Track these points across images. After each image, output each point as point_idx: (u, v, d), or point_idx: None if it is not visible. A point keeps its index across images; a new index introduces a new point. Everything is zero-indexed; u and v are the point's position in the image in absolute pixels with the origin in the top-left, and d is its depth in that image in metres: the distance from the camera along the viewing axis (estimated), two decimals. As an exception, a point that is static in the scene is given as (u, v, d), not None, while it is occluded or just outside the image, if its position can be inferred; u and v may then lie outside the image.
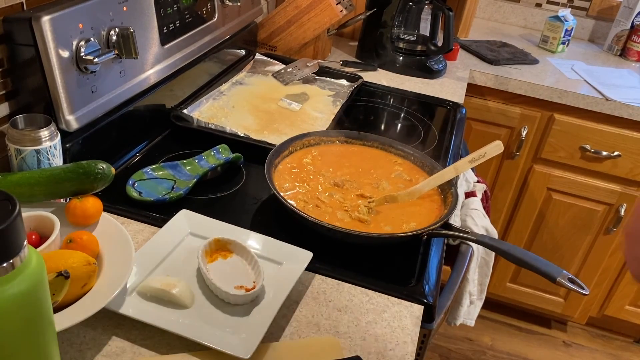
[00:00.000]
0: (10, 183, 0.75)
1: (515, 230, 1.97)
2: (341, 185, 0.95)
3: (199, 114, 1.19)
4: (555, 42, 1.99)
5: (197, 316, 0.69)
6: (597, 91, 1.71)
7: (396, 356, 0.69)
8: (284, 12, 1.54)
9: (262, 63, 1.50)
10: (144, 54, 1.03)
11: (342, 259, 0.83)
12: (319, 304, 0.75)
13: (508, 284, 2.05)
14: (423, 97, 1.48)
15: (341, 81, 1.46)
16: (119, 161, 1.01)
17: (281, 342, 0.69)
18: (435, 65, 1.64)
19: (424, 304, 0.77)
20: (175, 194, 0.91)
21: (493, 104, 1.79)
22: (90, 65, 0.87)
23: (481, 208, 1.28)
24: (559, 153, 1.79)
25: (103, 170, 0.77)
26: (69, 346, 0.65)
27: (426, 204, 0.94)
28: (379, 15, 1.61)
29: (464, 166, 0.92)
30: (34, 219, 0.72)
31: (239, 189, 0.98)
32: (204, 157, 1.00)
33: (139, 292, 0.71)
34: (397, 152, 1.05)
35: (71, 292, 0.63)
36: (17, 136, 0.78)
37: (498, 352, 2.07)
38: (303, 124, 1.22)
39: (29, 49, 0.82)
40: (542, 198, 1.88)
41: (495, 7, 2.25)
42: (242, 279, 0.75)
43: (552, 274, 0.75)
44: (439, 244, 0.91)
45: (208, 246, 0.78)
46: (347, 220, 0.87)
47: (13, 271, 0.42)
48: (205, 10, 1.24)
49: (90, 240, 0.71)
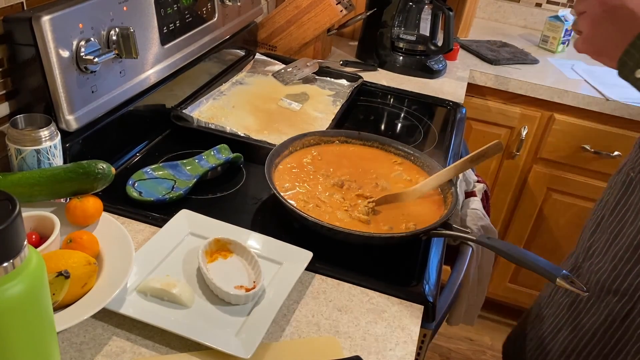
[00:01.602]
0: (10, 183, 0.75)
1: (515, 230, 1.97)
2: (341, 185, 0.95)
3: (199, 113, 1.19)
4: (555, 42, 1.99)
5: (197, 316, 0.69)
6: (597, 91, 1.71)
7: (396, 356, 0.69)
8: (284, 12, 1.54)
9: (262, 63, 1.50)
10: (144, 54, 1.03)
11: (342, 259, 0.83)
12: (319, 304, 0.75)
13: (508, 284, 2.05)
14: (423, 97, 1.48)
15: (341, 81, 1.46)
16: (119, 161, 1.01)
17: (281, 342, 0.69)
18: (435, 65, 1.64)
19: (424, 304, 0.77)
20: (175, 194, 0.91)
21: (493, 104, 1.79)
22: (90, 65, 0.87)
23: (481, 208, 1.28)
24: (559, 153, 1.79)
25: (103, 170, 0.77)
26: (69, 346, 0.65)
27: (426, 204, 0.94)
28: (379, 15, 1.61)
29: (464, 166, 0.92)
30: (34, 219, 0.72)
31: (239, 189, 0.98)
32: (204, 157, 1.00)
33: (139, 292, 0.71)
34: (397, 152, 1.05)
35: (71, 292, 0.63)
36: (17, 136, 0.78)
37: (498, 352, 2.06)
38: (303, 124, 1.22)
39: (29, 49, 0.82)
40: (542, 198, 1.88)
41: (495, 7, 2.25)
42: (242, 279, 0.75)
43: (552, 274, 0.75)
44: (439, 244, 0.91)
45: (208, 246, 0.78)
46: (347, 220, 0.87)
47: (13, 271, 0.42)
48: (205, 10, 1.24)
49: (90, 240, 0.72)
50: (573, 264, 1.13)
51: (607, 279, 0.98)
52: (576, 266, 1.12)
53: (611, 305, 0.97)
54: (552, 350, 1.07)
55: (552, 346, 1.07)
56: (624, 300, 0.95)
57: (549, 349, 1.08)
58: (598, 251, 1.03)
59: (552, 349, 1.07)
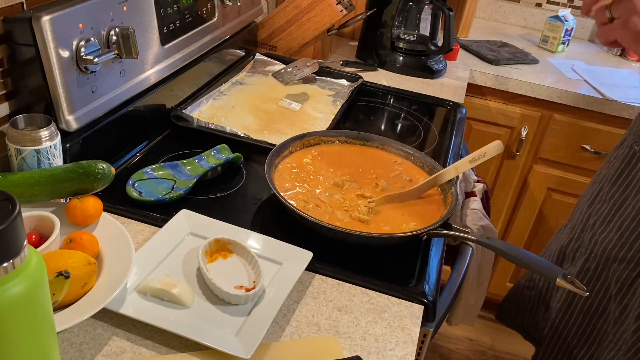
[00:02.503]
0: (10, 183, 0.75)
1: (515, 230, 1.97)
2: (341, 185, 0.95)
3: (199, 113, 1.19)
4: (555, 42, 1.99)
5: (197, 316, 0.69)
6: (597, 91, 1.71)
7: (396, 356, 0.69)
8: (284, 12, 1.54)
9: (262, 63, 1.50)
10: (144, 54, 1.03)
11: (342, 259, 0.83)
12: (319, 304, 0.75)
13: (508, 284, 2.05)
14: (423, 97, 1.48)
15: (341, 81, 1.46)
16: (119, 161, 1.01)
17: (281, 342, 0.69)
18: (435, 65, 1.64)
19: (424, 304, 0.77)
20: (175, 194, 0.91)
21: (493, 104, 1.79)
22: (90, 65, 0.87)
23: (481, 208, 1.28)
24: (559, 153, 1.79)
25: (103, 170, 0.77)
26: (69, 346, 0.65)
27: (426, 204, 0.94)
28: (379, 15, 1.61)
29: (464, 166, 0.92)
30: (34, 219, 0.72)
31: (239, 189, 0.98)
32: (204, 157, 1.00)
33: (139, 292, 0.71)
34: (397, 152, 1.05)
35: (71, 292, 0.63)
36: (17, 136, 0.78)
37: (498, 352, 2.07)
38: (303, 124, 1.22)
39: (29, 49, 0.82)
40: (542, 198, 1.88)
41: (495, 7, 2.25)
42: (242, 279, 0.75)
43: (552, 274, 0.75)
44: (439, 244, 0.91)
45: (208, 246, 0.78)
46: (347, 220, 0.87)
47: (13, 271, 0.42)
48: (205, 10, 1.24)
49: (90, 240, 0.72)
50: (570, 236, 1.18)
51: (613, 248, 1.03)
52: (574, 237, 1.16)
53: (618, 272, 1.02)
54: (574, 314, 1.12)
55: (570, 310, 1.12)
56: (630, 267, 1.00)
57: (570, 314, 1.13)
58: (600, 222, 1.08)
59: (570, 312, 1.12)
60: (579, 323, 1.11)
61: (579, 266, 1.12)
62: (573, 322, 1.12)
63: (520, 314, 1.30)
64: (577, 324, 1.11)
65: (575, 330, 1.12)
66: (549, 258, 1.24)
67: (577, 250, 1.14)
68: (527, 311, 1.28)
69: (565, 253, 1.18)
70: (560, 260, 1.19)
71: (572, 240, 1.17)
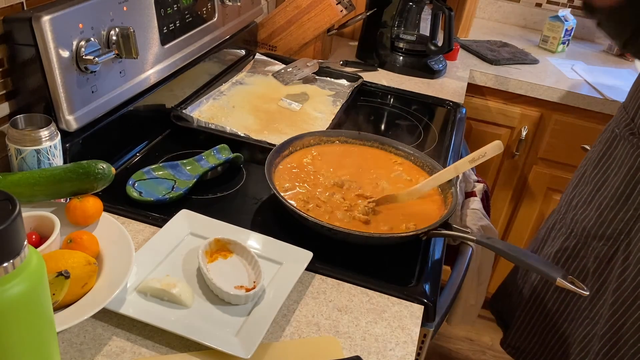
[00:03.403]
0: (10, 183, 0.75)
1: (515, 230, 1.97)
2: (341, 185, 0.95)
3: (199, 114, 1.19)
4: (555, 42, 1.99)
5: (197, 316, 0.69)
6: (597, 91, 1.71)
7: (396, 356, 0.69)
8: (284, 12, 1.54)
9: (262, 63, 1.50)
10: (144, 54, 1.03)
11: (342, 259, 0.83)
12: (319, 304, 0.75)
13: (508, 284, 2.05)
14: (423, 97, 1.48)
15: (341, 81, 1.46)
16: (119, 161, 1.01)
17: (281, 342, 0.69)
18: (435, 65, 1.64)
19: (424, 304, 0.77)
20: (175, 194, 0.91)
21: (493, 104, 1.79)
22: (90, 65, 0.87)
23: (481, 208, 1.28)
24: (559, 153, 1.79)
25: (103, 170, 0.77)
26: (69, 346, 0.65)
27: (426, 204, 0.94)
28: (379, 15, 1.61)
29: (464, 166, 0.92)
30: (34, 219, 0.72)
31: (239, 189, 0.98)
32: (204, 157, 1.00)
33: (139, 292, 0.71)
34: (397, 152, 1.05)
35: (71, 292, 0.63)
36: (17, 136, 0.78)
37: (498, 352, 2.06)
38: (303, 124, 1.22)
39: (29, 49, 0.82)
40: (542, 198, 1.88)
41: (495, 7, 2.25)
42: (242, 279, 0.75)
43: (552, 274, 0.75)
44: (439, 244, 0.91)
45: (208, 246, 0.78)
46: (347, 220, 0.87)
47: (13, 271, 0.42)
48: (205, 10, 1.24)
49: (90, 240, 0.72)
50: (556, 218, 1.21)
51: (592, 226, 1.07)
52: (559, 218, 1.19)
53: (597, 249, 1.05)
54: (547, 295, 1.15)
55: (543, 290, 1.16)
56: (609, 244, 1.03)
57: (542, 296, 1.16)
58: (582, 202, 1.13)
59: (544, 292, 1.16)
60: (552, 302, 1.13)
61: (558, 245, 1.15)
62: (546, 302, 1.15)
63: (498, 301, 1.34)
64: (549, 303, 1.14)
65: (548, 309, 1.14)
66: (537, 241, 1.27)
67: (559, 230, 1.17)
68: (506, 296, 1.31)
69: (550, 235, 1.21)
70: (544, 242, 1.22)
71: (557, 222, 1.20)
